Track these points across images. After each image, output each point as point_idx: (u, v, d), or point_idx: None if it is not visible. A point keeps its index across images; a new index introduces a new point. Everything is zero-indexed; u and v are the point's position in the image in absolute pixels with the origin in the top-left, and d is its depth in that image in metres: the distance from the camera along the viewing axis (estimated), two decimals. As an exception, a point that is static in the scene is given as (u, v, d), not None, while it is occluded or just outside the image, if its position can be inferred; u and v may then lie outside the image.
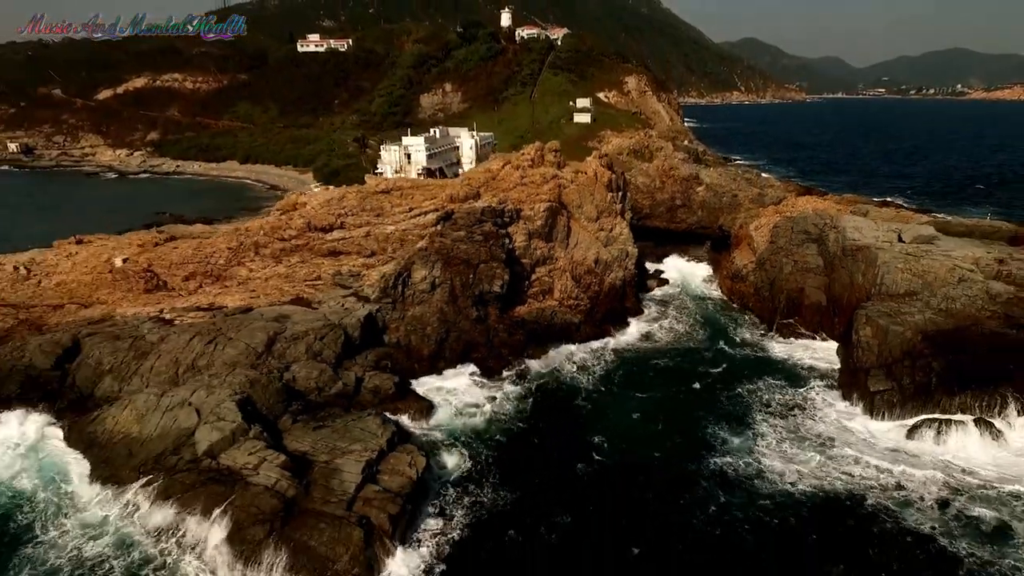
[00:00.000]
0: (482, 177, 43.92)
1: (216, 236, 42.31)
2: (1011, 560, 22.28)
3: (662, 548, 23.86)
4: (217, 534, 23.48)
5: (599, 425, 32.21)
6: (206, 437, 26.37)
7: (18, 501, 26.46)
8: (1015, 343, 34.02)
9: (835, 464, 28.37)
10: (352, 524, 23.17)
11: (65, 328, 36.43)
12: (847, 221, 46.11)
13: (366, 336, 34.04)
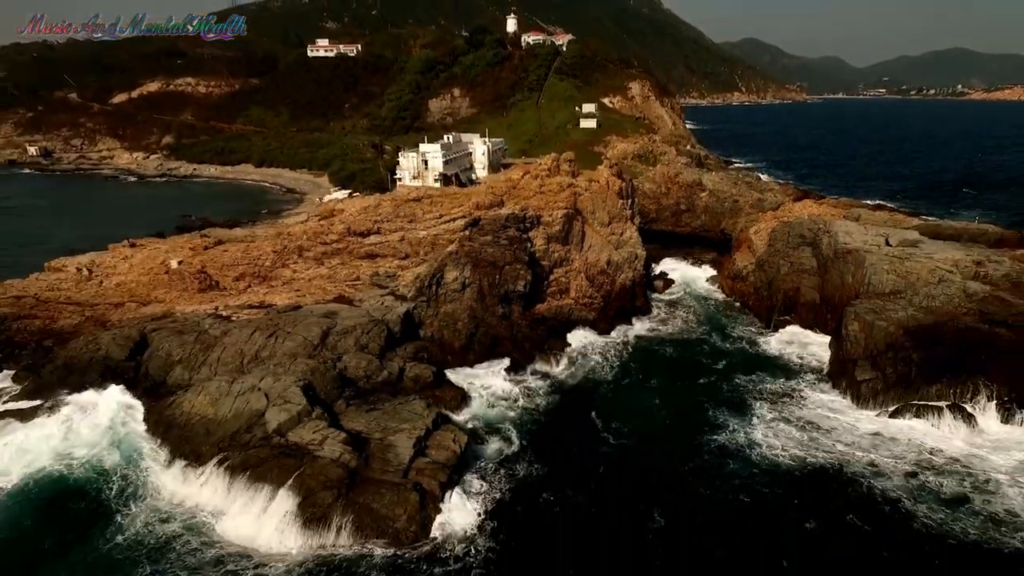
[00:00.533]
0: (504, 186, 47.85)
1: (262, 240, 46.29)
2: (962, 524, 26.17)
3: (670, 507, 27.77)
4: (290, 500, 27.44)
5: (616, 410, 36.12)
6: (275, 417, 30.32)
7: (104, 476, 30.24)
8: (988, 337, 37.93)
9: (819, 441, 32.31)
10: (408, 489, 27.12)
11: (131, 324, 40.40)
12: (839, 226, 49.98)
13: (405, 330, 37.96)
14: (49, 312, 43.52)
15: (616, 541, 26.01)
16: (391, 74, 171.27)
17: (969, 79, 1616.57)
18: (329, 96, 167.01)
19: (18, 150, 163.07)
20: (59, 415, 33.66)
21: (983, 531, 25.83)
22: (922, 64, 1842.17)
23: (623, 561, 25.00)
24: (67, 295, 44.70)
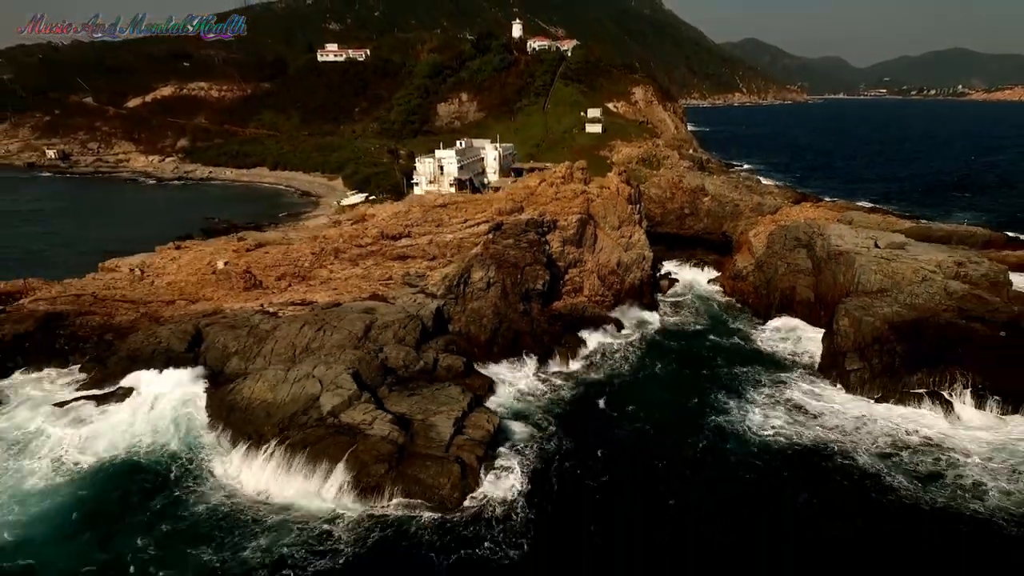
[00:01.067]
0: (522, 193, 51.78)
1: (300, 243, 50.22)
2: (933, 494, 30.03)
3: (677, 481, 31.70)
4: (347, 472, 31.36)
5: (628, 396, 40.04)
6: (329, 401, 34.25)
7: (174, 455, 34.02)
8: (965, 331, 41.80)
9: (809, 423, 36.24)
10: (451, 462, 31.05)
11: (184, 319, 44.33)
12: (832, 229, 53.86)
13: (436, 325, 41.87)
14: (107, 309, 47.45)
15: (630, 507, 29.91)
16: (399, 78, 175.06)
17: (970, 79, 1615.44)
18: (340, 100, 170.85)
19: (36, 153, 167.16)
20: (130, 401, 37.66)
21: (951, 499, 29.72)
22: (923, 64, 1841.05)
23: (635, 524, 28.89)
24: (122, 293, 48.66)
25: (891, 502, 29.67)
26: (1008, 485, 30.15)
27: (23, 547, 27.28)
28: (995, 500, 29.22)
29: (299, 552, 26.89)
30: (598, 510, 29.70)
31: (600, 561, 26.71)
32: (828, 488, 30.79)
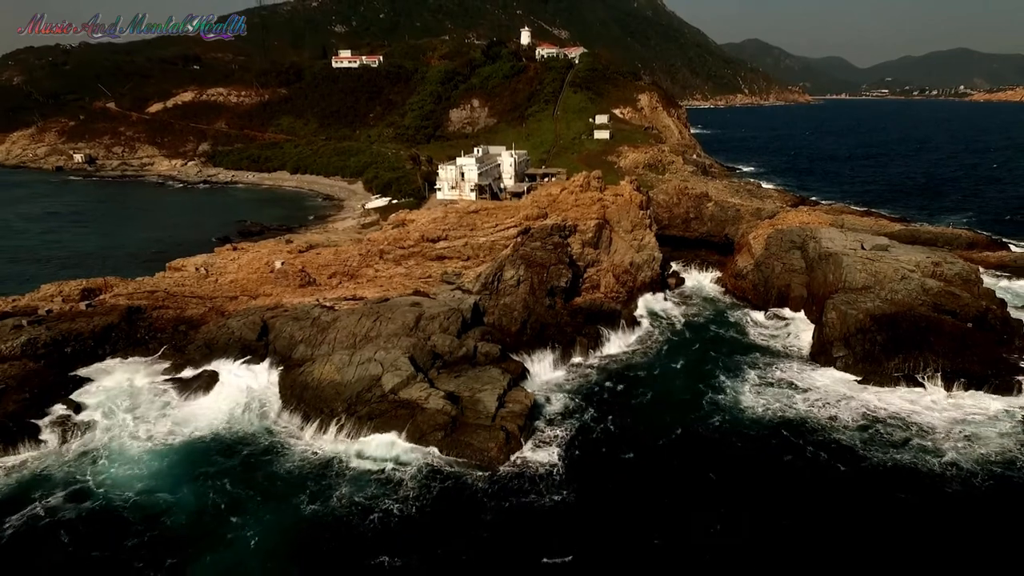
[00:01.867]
0: (546, 200, 57.68)
1: (348, 245, 56.18)
2: (900, 456, 35.88)
3: (684, 443, 37.63)
4: (408, 438, 37.34)
5: (642, 379, 45.97)
6: (390, 381, 40.26)
7: (257, 429, 40.00)
8: (937, 323, 47.67)
9: (797, 399, 42.15)
10: (497, 429, 37.03)
11: (249, 312, 50.30)
12: (823, 233, 59.74)
13: (474, 317, 47.78)
14: (178, 304, 53.49)
15: (642, 466, 35.83)
16: (412, 84, 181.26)
17: (972, 79, 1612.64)
18: (355, 105, 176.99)
19: (63, 157, 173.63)
20: (214, 383, 43.64)
21: (915, 460, 35.58)
22: (925, 64, 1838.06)
23: (647, 480, 34.79)
24: (190, 290, 54.67)
25: (865, 461, 35.56)
26: (961, 448, 36.05)
27: (149, 498, 33.25)
28: (949, 459, 35.13)
29: (375, 499, 32.84)
30: (618, 468, 35.62)
31: (619, 505, 32.62)
32: (812, 450, 36.67)
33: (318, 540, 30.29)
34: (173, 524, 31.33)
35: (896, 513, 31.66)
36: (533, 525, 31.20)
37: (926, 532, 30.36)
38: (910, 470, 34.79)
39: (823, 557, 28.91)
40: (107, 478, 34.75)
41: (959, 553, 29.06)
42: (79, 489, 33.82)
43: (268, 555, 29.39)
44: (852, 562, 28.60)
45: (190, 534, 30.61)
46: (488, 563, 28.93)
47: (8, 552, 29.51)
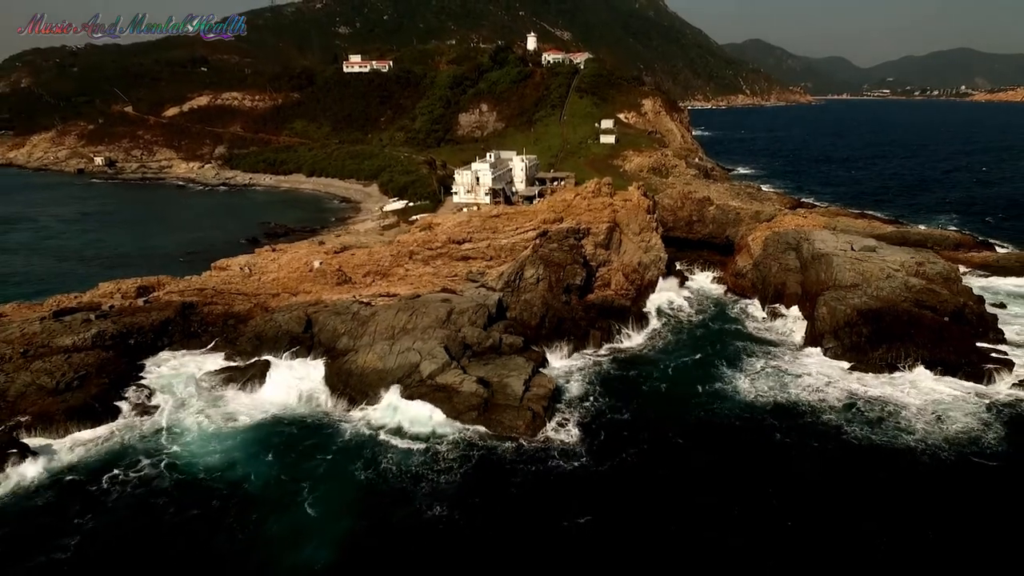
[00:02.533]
0: (561, 205, 62.69)
1: (380, 246, 61.19)
2: (878, 432, 40.89)
3: (686, 423, 42.63)
4: (447, 417, 42.37)
5: (649, 367, 50.97)
6: (427, 367, 45.32)
7: (311, 409, 45.07)
8: (917, 317, 52.63)
9: (790, 386, 47.11)
10: (524, 409, 42.06)
11: (293, 308, 55.33)
12: (816, 235, 64.71)
13: (498, 312, 52.77)
14: (226, 300, 58.56)
15: (649, 441, 40.85)
16: (421, 88, 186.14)
17: (974, 79, 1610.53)
18: (366, 110, 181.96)
19: (84, 160, 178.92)
20: (267, 371, 48.66)
21: (889, 436, 40.57)
22: (927, 64, 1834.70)
23: (653, 452, 39.80)
24: (236, 288, 59.75)
25: (846, 435, 40.60)
26: (930, 426, 41.05)
27: (218, 467, 38.17)
28: (919, 435, 40.14)
29: (421, 465, 37.87)
30: (628, 444, 40.56)
31: (629, 474, 37.61)
32: (800, 428, 41.70)
33: (373, 500, 35.34)
34: (243, 489, 36.26)
35: (871, 480, 36.65)
36: (556, 489, 36.19)
37: (897, 497, 35.34)
38: (885, 444, 39.79)
39: (805, 518, 33.90)
40: (181, 451, 39.78)
41: (925, 515, 34.03)
42: (157, 459, 38.79)
43: (330, 514, 34.31)
44: (831, 521, 33.60)
45: (258, 498, 35.49)
46: (519, 519, 33.92)
47: (98, 507, 34.49)
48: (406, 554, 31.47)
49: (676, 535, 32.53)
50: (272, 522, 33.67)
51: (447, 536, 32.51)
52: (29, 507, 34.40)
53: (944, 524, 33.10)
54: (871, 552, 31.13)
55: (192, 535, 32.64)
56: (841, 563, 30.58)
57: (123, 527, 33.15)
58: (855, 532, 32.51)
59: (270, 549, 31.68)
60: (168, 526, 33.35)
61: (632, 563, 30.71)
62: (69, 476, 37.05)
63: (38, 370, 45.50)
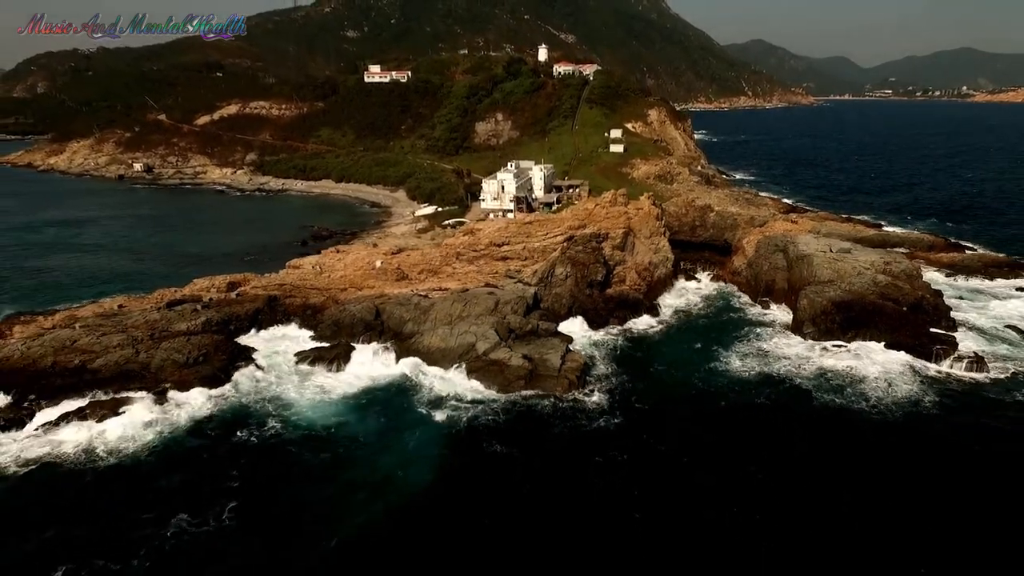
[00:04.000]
0: (584, 214, 73.69)
1: (430, 248, 72.27)
2: (842, 398, 51.85)
3: (689, 391, 53.63)
4: (499, 385, 53.42)
5: (658, 348, 61.99)
6: (482, 346, 56.41)
7: (390, 383, 56.08)
8: (880, 307, 63.54)
9: (773, 362, 58.09)
10: (562, 378, 53.13)
11: (363, 299, 66.38)
12: (800, 239, 75.65)
13: (533, 303, 63.88)
14: (303, 294, 69.69)
15: (660, 404, 51.89)
16: (439, 98, 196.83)
17: (976, 79, 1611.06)
18: (388, 118, 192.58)
19: (123, 166, 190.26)
20: (350, 351, 59.70)
21: (850, 399, 51.51)
22: (929, 64, 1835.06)
23: (663, 413, 50.82)
24: (310, 283, 70.94)
25: (815, 398, 51.60)
26: (882, 391, 52.05)
27: (320, 422, 49.24)
28: (873, 399, 51.14)
29: (484, 418, 48.87)
30: (642, 405, 51.53)
31: (643, 427, 48.62)
32: (780, 391, 52.71)
33: (452, 441, 46.38)
34: (342, 439, 47.07)
35: (833, 429, 47.66)
36: (586, 438, 47.10)
37: (851, 443, 46.32)
38: (845, 404, 50.80)
39: (776, 457, 44.87)
40: (286, 415, 50.52)
41: (873, 461, 44.98)
42: (276, 415, 49.82)
43: (417, 455, 45.20)
44: (795, 458, 44.58)
45: (355, 447, 46.15)
46: (561, 455, 44.85)
47: (244, 449, 45.52)
48: (479, 475, 42.50)
49: (675, 466, 43.58)
50: (381, 456, 44.70)
51: (507, 464, 43.56)
52: (193, 447, 45.52)
53: (887, 464, 44.07)
54: (824, 480, 42.15)
55: (318, 467, 43.65)
56: (798, 486, 41.59)
57: (264, 464, 44.14)
58: (816, 467, 43.51)
59: (383, 474, 42.73)
60: (296, 460, 44.39)
61: (641, 483, 41.73)
62: (212, 427, 48.09)
63: (168, 348, 56.69)
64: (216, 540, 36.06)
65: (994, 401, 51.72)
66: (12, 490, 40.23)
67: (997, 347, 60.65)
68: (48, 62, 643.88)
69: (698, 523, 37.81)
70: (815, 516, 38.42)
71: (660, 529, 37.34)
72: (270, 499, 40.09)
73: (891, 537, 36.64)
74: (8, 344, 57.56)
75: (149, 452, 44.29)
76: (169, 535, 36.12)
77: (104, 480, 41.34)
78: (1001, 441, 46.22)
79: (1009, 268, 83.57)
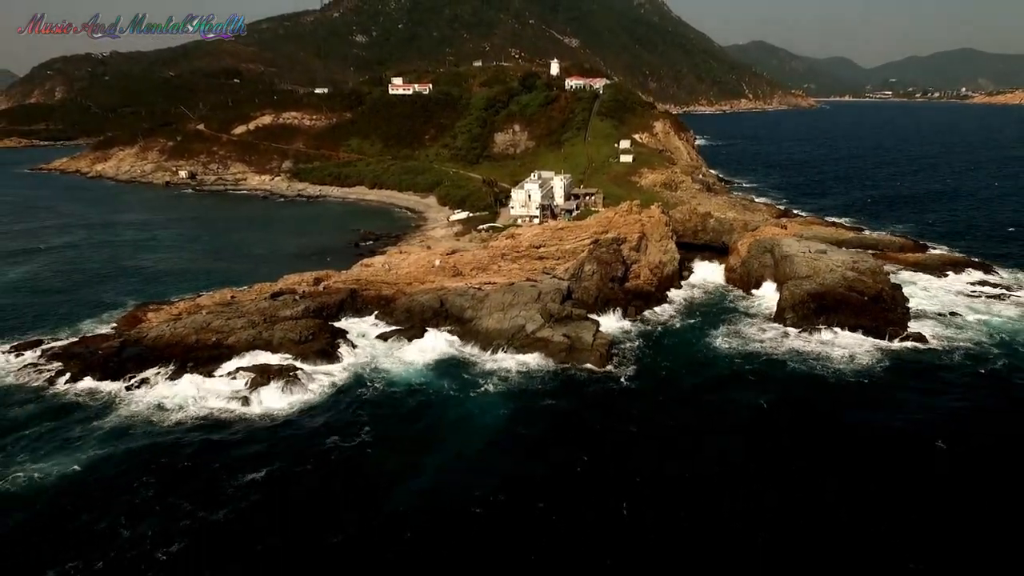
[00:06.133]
0: (606, 221, 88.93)
1: (478, 250, 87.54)
2: (811, 367, 67.00)
3: (693, 361, 68.84)
4: (545, 356, 68.69)
5: (666, 331, 77.24)
6: (530, 327, 71.72)
7: (452, 359, 71.33)
8: (847, 298, 78.70)
9: (760, 340, 73.29)
10: (594, 351, 68.32)
11: (428, 292, 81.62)
12: (784, 242, 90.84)
13: (567, 294, 79.18)
14: (376, 287, 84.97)
15: (671, 372, 67.13)
16: (459, 109, 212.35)
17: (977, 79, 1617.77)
18: (412, 128, 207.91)
19: (168, 173, 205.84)
20: (422, 332, 74.90)
21: (817, 368, 66.64)
22: (931, 64, 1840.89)
23: (675, 378, 66.03)
24: (381, 279, 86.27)
25: (788, 368, 66.78)
26: (844, 363, 67.20)
27: (409, 386, 64.50)
28: (835, 368, 66.33)
29: (532, 382, 64.09)
30: (655, 371, 66.77)
31: (657, 387, 63.82)
32: (761, 363, 67.90)
33: (510, 397, 61.58)
34: (428, 394, 62.28)
35: (800, 389, 62.91)
36: (614, 394, 62.33)
37: (813, 401, 61.50)
38: (813, 371, 66.01)
39: (752, 411, 60.03)
40: (384, 378, 65.96)
41: (832, 408, 60.18)
42: (378, 379, 65.12)
43: (485, 405, 60.24)
44: (764, 410, 59.79)
45: (438, 398, 61.26)
46: (591, 409, 59.93)
47: (350, 402, 60.78)
48: (534, 419, 57.66)
49: (680, 415, 58.87)
50: (454, 408, 59.92)
51: (554, 412, 58.79)
52: (326, 399, 60.82)
53: (841, 410, 59.32)
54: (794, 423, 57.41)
55: (415, 411, 58.84)
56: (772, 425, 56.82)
57: (379, 409, 59.44)
58: (781, 418, 58.76)
59: (459, 421, 57.94)
60: (403, 410, 59.68)
61: (653, 426, 56.95)
62: (333, 385, 63.39)
63: (283, 329, 72.01)
64: (361, 452, 51.53)
65: (931, 366, 66.99)
66: (189, 430, 55.56)
67: (938, 329, 75.83)
68: (64, 67, 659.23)
69: (694, 449, 53.14)
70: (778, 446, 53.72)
71: (666, 456, 52.63)
72: (389, 429, 55.46)
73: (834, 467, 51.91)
74: (155, 326, 73.09)
75: (294, 403, 59.61)
76: (332, 451, 51.52)
77: (260, 422, 56.70)
78: (934, 395, 61.35)
79: (962, 266, 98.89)
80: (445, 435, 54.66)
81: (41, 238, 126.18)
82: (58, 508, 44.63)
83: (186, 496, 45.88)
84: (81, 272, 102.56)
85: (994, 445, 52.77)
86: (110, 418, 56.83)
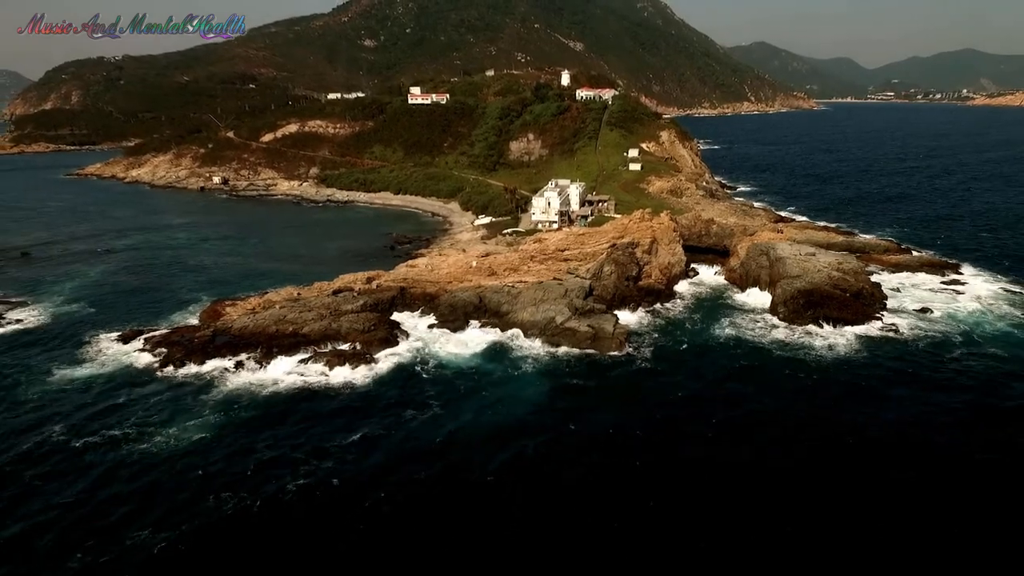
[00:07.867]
0: (622, 227, 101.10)
1: (509, 253, 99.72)
2: (796, 353, 79.19)
3: (698, 348, 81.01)
4: (572, 344, 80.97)
5: (675, 323, 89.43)
6: (559, 319, 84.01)
7: (498, 345, 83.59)
8: (832, 295, 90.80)
9: (755, 330, 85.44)
10: (615, 339, 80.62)
11: (467, 289, 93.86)
12: (778, 245, 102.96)
13: (589, 292, 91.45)
14: (420, 285, 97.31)
15: (680, 357, 79.35)
16: (474, 118, 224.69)
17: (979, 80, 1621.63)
18: (431, 136, 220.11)
19: (202, 179, 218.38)
20: (467, 324, 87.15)
21: (802, 354, 78.81)
22: (932, 65, 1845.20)
23: (684, 363, 78.24)
24: (425, 278, 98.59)
25: (776, 354, 78.91)
26: (825, 351, 79.33)
27: (461, 367, 76.81)
28: (816, 354, 78.46)
29: (562, 364, 76.35)
30: (666, 355, 78.94)
31: (666, 366, 75.99)
32: (752, 348, 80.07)
33: (545, 376, 73.80)
34: (476, 373, 74.61)
35: (786, 370, 75.05)
36: (632, 374, 74.56)
37: (796, 381, 73.61)
38: (797, 359, 78.14)
39: (744, 388, 72.16)
40: (439, 361, 78.26)
41: (813, 384, 72.32)
42: (434, 361, 77.36)
43: (525, 382, 72.55)
44: (752, 387, 71.90)
45: (485, 378, 73.70)
46: (613, 389, 72.14)
47: (413, 380, 73.10)
48: (566, 393, 69.92)
49: (687, 389, 71.08)
50: (500, 384, 72.24)
51: (582, 389, 71.04)
52: (394, 377, 73.10)
53: (822, 394, 71.46)
54: (782, 396, 69.58)
55: (465, 389, 71.12)
56: (760, 399, 68.98)
57: (436, 385, 71.71)
58: (779, 389, 70.91)
59: (507, 394, 70.22)
60: (460, 386, 71.92)
61: (665, 398, 69.16)
62: (399, 366, 75.68)
63: (348, 320, 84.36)
64: (435, 416, 63.92)
65: (901, 351, 79.11)
66: (286, 401, 67.87)
67: (910, 320, 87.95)
68: (78, 71, 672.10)
69: (702, 415, 65.37)
70: (763, 415, 65.92)
71: (679, 420, 64.86)
72: (450, 400, 67.79)
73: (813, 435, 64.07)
74: (236, 318, 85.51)
75: (368, 380, 71.94)
76: (410, 418, 63.87)
77: (345, 394, 69.04)
78: (903, 377, 73.42)
79: (939, 267, 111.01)
80: (497, 404, 67.04)
81: (103, 240, 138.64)
82: (192, 464, 56.62)
83: (300, 451, 58.24)
84: (151, 271, 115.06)
85: (952, 423, 64.41)
86: (218, 393, 69.23)
